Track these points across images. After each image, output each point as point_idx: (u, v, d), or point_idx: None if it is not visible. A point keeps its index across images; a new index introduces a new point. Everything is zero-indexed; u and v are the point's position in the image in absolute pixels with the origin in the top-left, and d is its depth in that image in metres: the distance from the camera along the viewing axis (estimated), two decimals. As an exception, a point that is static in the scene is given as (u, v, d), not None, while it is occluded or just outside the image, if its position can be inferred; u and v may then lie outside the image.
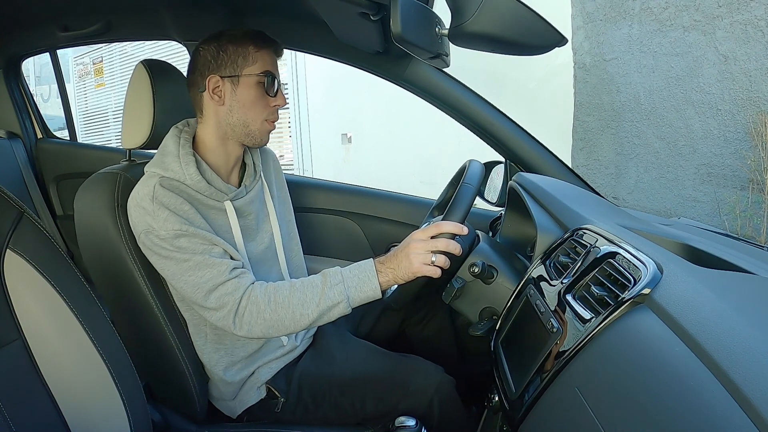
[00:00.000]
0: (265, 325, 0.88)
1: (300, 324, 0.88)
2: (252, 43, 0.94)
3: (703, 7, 2.52)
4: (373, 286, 0.87)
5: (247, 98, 0.94)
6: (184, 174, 0.91)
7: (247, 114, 0.95)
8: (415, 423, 0.92)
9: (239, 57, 0.93)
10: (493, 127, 1.26)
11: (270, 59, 0.96)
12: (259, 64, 0.94)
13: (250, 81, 0.94)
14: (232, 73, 0.93)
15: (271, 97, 0.96)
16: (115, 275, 0.93)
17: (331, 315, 0.88)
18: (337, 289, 0.87)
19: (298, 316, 0.87)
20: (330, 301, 0.87)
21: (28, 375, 0.64)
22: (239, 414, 1.04)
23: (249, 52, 0.93)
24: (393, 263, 0.87)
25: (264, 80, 0.94)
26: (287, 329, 0.89)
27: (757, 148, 2.38)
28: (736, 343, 0.42)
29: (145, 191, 0.89)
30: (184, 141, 0.95)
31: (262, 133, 0.98)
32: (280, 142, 5.53)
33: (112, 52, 6.56)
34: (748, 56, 2.39)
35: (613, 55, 2.96)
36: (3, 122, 1.96)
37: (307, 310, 0.87)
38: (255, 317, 0.88)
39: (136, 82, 1.01)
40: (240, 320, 0.88)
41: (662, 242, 0.74)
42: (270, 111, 0.97)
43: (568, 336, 0.60)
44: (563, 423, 0.55)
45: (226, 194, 0.97)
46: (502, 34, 0.72)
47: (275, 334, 0.90)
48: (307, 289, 0.88)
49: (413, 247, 0.85)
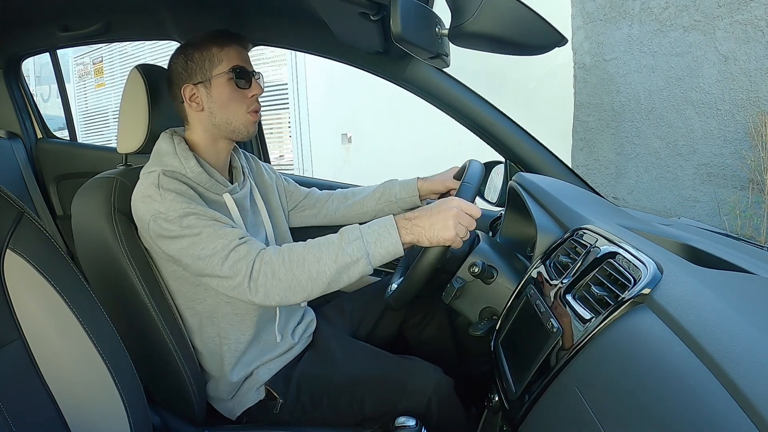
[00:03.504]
0: (281, 287, 0.85)
1: (318, 283, 0.84)
2: (215, 44, 0.97)
3: (703, 7, 2.53)
4: (393, 239, 0.83)
5: (222, 97, 0.97)
6: (185, 167, 0.94)
7: (227, 112, 0.98)
8: (415, 423, 0.91)
9: (206, 61, 0.96)
10: (493, 127, 1.26)
11: (236, 54, 0.98)
12: (225, 62, 0.97)
13: (221, 80, 0.97)
14: (203, 78, 0.97)
15: (246, 89, 0.99)
16: (112, 279, 0.94)
17: (351, 274, 0.84)
18: (356, 245, 0.83)
19: (315, 275, 0.83)
20: (348, 257, 0.83)
21: (28, 375, 0.64)
22: (238, 416, 1.04)
23: (213, 53, 0.96)
24: (425, 221, 0.83)
25: (233, 75, 0.97)
26: (305, 290, 0.85)
27: (757, 148, 2.38)
28: (736, 343, 0.42)
29: (149, 181, 0.91)
30: (178, 140, 0.98)
31: (247, 126, 1.00)
32: (280, 142, 5.53)
33: (112, 52, 6.56)
34: (748, 56, 2.39)
35: (613, 55, 2.97)
36: (3, 122, 1.96)
37: (323, 266, 0.83)
38: (270, 279, 0.85)
39: (131, 87, 1.02)
40: (255, 284, 0.85)
41: (662, 242, 0.74)
42: (248, 102, 1.00)
43: (568, 336, 0.60)
44: (563, 423, 0.55)
45: (224, 187, 1.00)
46: (502, 34, 0.72)
47: (294, 297, 0.85)
48: (322, 245, 0.85)
49: (457, 215, 0.83)
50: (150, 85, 1.00)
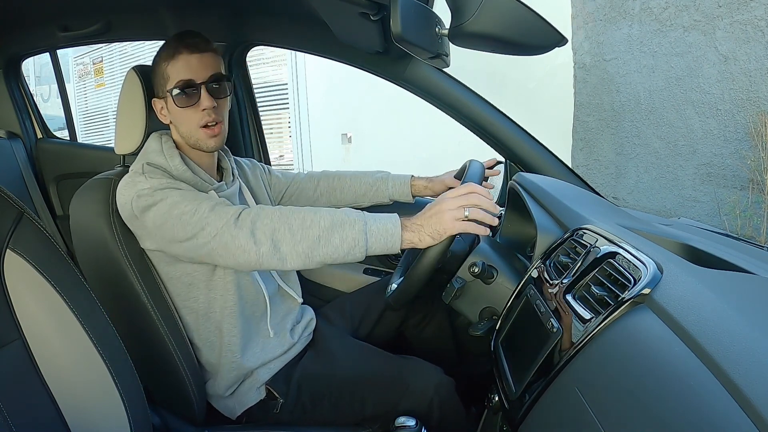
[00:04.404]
0: (270, 227, 0.83)
1: (309, 233, 0.83)
2: (165, 58, 0.96)
3: (703, 7, 2.53)
4: (393, 220, 0.83)
5: (176, 113, 0.98)
6: (170, 165, 0.96)
7: (183, 126, 0.98)
8: (415, 423, 0.91)
9: (161, 77, 0.97)
10: (493, 127, 1.26)
11: (182, 65, 0.94)
12: (172, 77, 0.95)
13: (172, 97, 0.96)
14: (162, 94, 0.98)
15: (193, 105, 0.96)
16: (111, 279, 0.94)
17: (344, 236, 0.82)
18: (356, 214, 0.85)
19: (308, 223, 0.83)
20: (345, 217, 0.83)
21: (28, 375, 0.64)
22: (238, 415, 1.04)
23: (163, 69, 0.96)
24: (421, 219, 0.83)
25: (179, 91, 0.95)
26: (294, 237, 0.83)
27: (757, 148, 2.38)
28: (736, 343, 0.42)
29: (134, 169, 0.94)
30: (166, 139, 1.00)
31: (202, 140, 0.98)
32: (280, 142, 5.53)
33: (112, 52, 6.56)
34: (748, 56, 2.39)
35: (613, 55, 2.97)
36: (3, 122, 1.96)
37: (318, 218, 0.83)
38: (261, 217, 0.85)
39: (128, 88, 1.02)
40: (243, 222, 0.84)
41: (662, 242, 0.74)
42: (201, 116, 0.96)
43: (568, 336, 0.60)
44: (563, 423, 0.55)
45: (210, 184, 1.00)
46: (502, 34, 0.72)
47: (283, 246, 0.83)
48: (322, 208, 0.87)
49: (444, 203, 0.83)
50: (147, 86, 1.01)
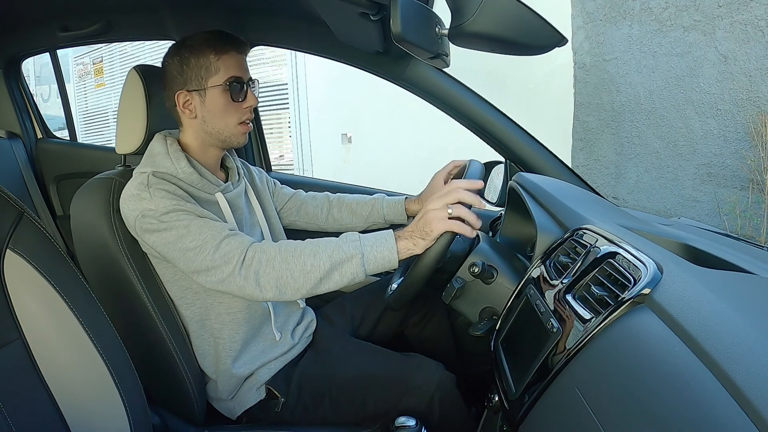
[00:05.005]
0: (274, 276, 0.85)
1: (310, 278, 0.85)
2: (212, 51, 0.94)
3: (703, 7, 2.53)
4: (389, 245, 0.85)
5: (216, 108, 0.96)
6: (176, 168, 0.94)
7: (220, 122, 0.97)
8: (415, 423, 0.91)
9: (202, 69, 0.94)
10: (493, 127, 1.26)
11: (234, 62, 0.95)
12: (222, 72, 0.94)
13: (217, 91, 0.95)
14: (198, 86, 0.95)
15: (241, 101, 0.97)
16: (112, 279, 0.94)
17: (343, 272, 0.85)
18: (353, 245, 0.85)
19: (309, 267, 0.84)
20: (343, 254, 0.84)
21: (28, 375, 0.64)
22: (239, 415, 1.04)
23: (210, 62, 0.94)
24: (412, 225, 0.86)
25: (229, 88, 0.95)
26: (296, 283, 0.85)
27: (757, 148, 2.38)
28: (736, 343, 0.42)
29: (139, 181, 0.91)
30: (171, 141, 0.98)
31: (237, 136, 0.99)
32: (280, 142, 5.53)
33: (112, 52, 6.55)
34: (748, 56, 2.39)
35: (613, 55, 2.97)
36: (3, 122, 1.96)
37: (319, 261, 0.84)
38: (264, 266, 0.85)
39: (129, 87, 1.02)
40: (247, 271, 0.85)
41: (662, 242, 0.74)
42: (242, 113, 0.98)
43: (568, 336, 0.60)
44: (563, 423, 0.55)
45: (216, 186, 0.99)
46: (502, 34, 0.72)
47: (285, 290, 0.86)
48: (321, 242, 0.88)
49: (429, 204, 0.85)
50: (148, 85, 1.00)
